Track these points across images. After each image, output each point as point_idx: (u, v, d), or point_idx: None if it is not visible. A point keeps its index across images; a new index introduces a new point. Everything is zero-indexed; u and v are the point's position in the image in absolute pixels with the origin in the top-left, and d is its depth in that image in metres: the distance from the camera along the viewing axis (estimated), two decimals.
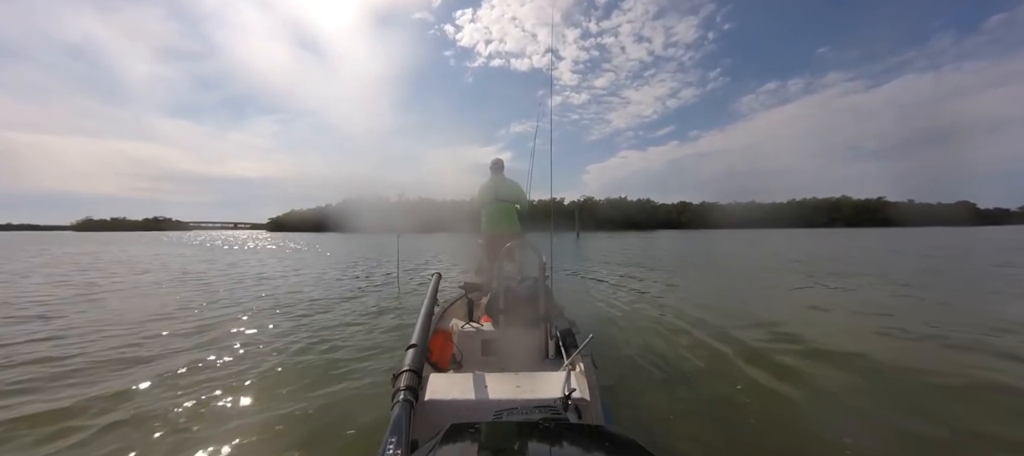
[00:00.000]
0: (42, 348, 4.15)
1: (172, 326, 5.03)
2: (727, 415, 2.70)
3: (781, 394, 2.99)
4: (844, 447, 2.28)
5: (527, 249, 3.39)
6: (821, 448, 2.32)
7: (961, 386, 3.10)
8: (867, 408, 2.79)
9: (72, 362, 3.72)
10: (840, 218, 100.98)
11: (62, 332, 4.75)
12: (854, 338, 4.33)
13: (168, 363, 3.74)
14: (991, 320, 4.92)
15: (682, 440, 2.41)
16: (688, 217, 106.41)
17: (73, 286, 8.48)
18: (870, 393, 3.02)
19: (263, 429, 2.55)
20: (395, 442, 1.25)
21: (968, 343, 4.11)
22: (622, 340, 4.37)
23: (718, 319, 5.06)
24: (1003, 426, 2.51)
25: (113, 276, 10.21)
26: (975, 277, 9.33)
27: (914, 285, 7.79)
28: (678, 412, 2.73)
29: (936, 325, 4.76)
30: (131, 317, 5.50)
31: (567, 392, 1.68)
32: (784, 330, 4.56)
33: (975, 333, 4.40)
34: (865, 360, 3.65)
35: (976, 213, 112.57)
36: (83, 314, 5.74)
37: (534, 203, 4.75)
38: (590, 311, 5.93)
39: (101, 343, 4.32)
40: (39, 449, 2.36)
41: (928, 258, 13.54)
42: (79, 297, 7.15)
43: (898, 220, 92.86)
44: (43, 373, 3.46)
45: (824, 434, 2.42)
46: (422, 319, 2.22)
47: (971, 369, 3.40)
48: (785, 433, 2.48)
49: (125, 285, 8.67)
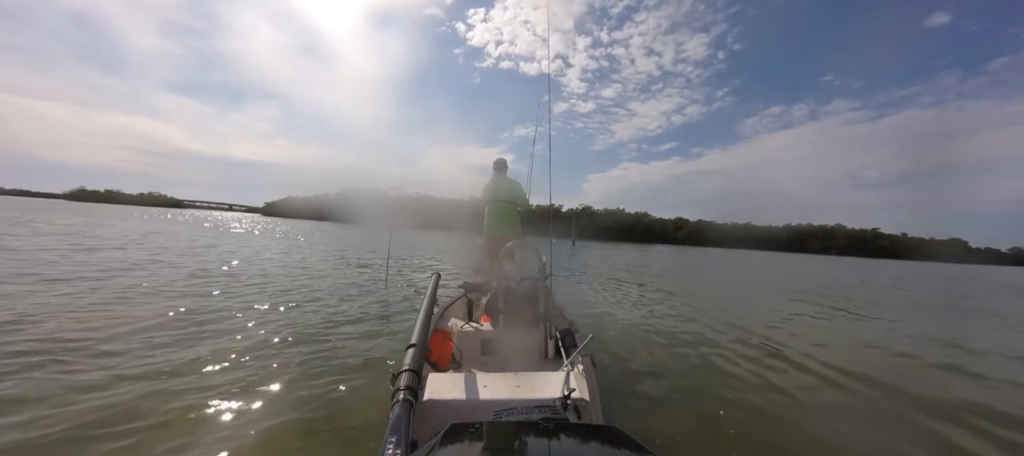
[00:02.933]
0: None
1: (151, 318, 4.46)
2: (725, 415, 2.75)
3: (778, 396, 3.10)
4: (839, 448, 2.36)
5: (527, 249, 3.40)
6: (817, 448, 2.40)
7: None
8: (860, 412, 2.94)
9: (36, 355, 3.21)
10: (834, 245, 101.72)
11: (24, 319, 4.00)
12: (847, 351, 4.66)
13: (149, 361, 3.33)
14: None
15: (681, 440, 2.45)
16: (684, 233, 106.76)
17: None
18: (862, 399, 3.21)
19: (262, 430, 2.44)
20: (395, 442, 1.26)
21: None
22: (622, 341, 4.42)
23: (716, 327, 5.23)
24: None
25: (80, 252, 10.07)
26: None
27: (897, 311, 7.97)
28: (677, 412, 2.77)
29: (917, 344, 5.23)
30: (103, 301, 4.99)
31: (567, 392, 1.69)
32: (781, 341, 4.80)
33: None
34: (859, 369, 3.86)
35: (967, 250, 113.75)
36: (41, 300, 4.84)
37: (532, 208, 4.77)
38: (589, 313, 5.97)
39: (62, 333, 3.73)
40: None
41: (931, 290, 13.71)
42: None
43: (891, 252, 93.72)
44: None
45: (820, 434, 2.52)
46: (422, 319, 2.21)
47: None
48: (783, 433, 2.55)
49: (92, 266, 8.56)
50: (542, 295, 2.76)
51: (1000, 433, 2.76)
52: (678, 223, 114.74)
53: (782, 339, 4.96)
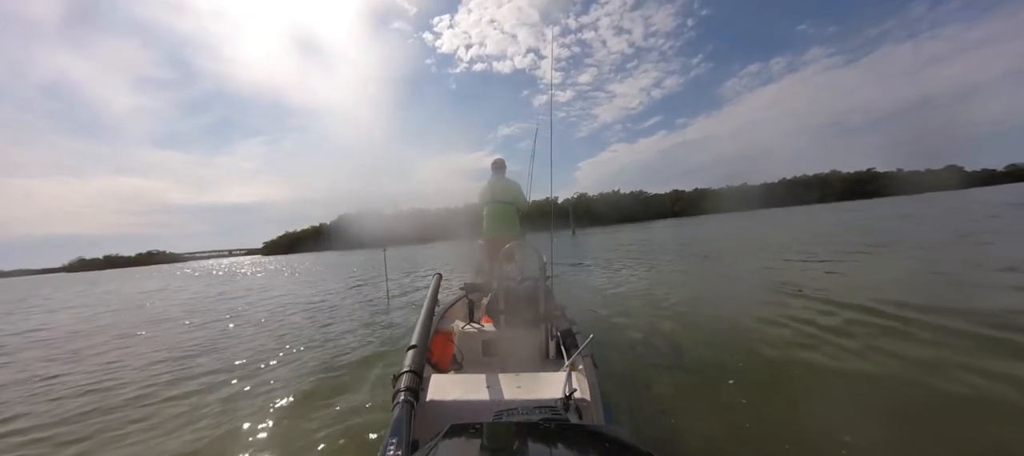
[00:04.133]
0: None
1: (163, 344, 5.03)
2: (728, 415, 2.66)
3: (782, 393, 2.93)
4: (844, 446, 2.22)
5: (527, 249, 3.39)
6: (821, 448, 2.26)
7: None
8: (869, 407, 2.66)
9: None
10: (832, 193, 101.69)
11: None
12: (856, 336, 3.90)
13: (164, 371, 3.86)
14: None
15: (683, 441, 2.40)
16: (682, 205, 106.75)
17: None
18: (872, 392, 2.85)
19: (264, 430, 2.58)
20: (396, 442, 1.26)
21: None
22: (623, 340, 4.34)
23: (718, 317, 4.95)
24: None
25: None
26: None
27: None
28: (679, 413, 2.71)
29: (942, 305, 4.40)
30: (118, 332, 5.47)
31: (568, 393, 1.67)
32: (785, 326, 4.32)
33: None
34: (867, 359, 3.38)
35: (964, 176, 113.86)
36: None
37: (530, 208, 4.74)
38: (590, 311, 5.92)
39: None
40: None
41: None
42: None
43: (890, 189, 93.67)
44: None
45: (824, 433, 2.36)
46: (422, 320, 2.22)
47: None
48: (786, 432, 2.43)
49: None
50: (542, 295, 2.75)
51: None
52: (675, 196, 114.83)
53: (802, 328, 4.20)
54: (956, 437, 2.24)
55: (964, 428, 2.32)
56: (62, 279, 55.80)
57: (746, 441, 2.38)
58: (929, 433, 2.31)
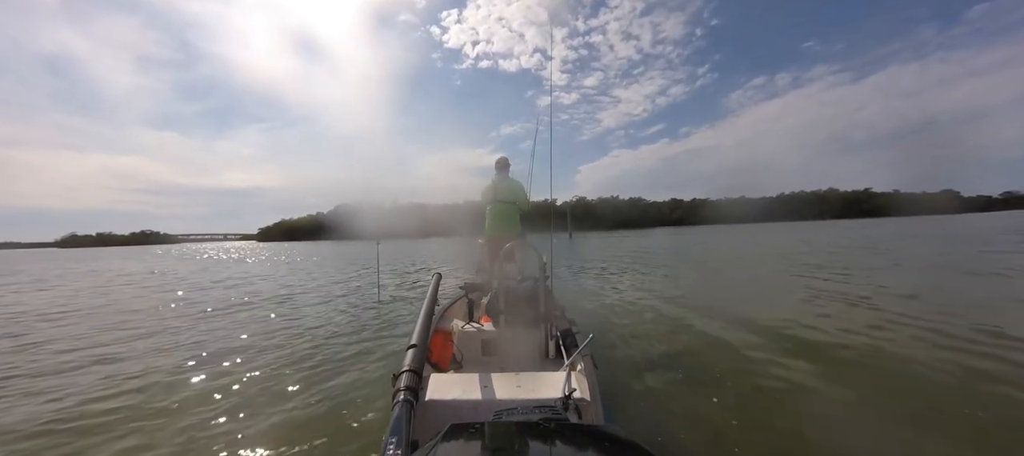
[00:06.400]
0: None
1: (156, 333, 4.99)
2: (727, 415, 2.68)
3: (780, 393, 2.97)
4: (845, 447, 2.24)
5: (527, 249, 3.38)
6: (820, 447, 2.28)
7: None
8: (867, 407, 2.72)
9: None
10: (829, 210, 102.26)
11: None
12: (851, 336, 4.19)
13: (156, 367, 3.79)
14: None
15: (682, 440, 2.41)
16: (680, 214, 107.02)
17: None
18: (871, 392, 2.92)
19: (264, 430, 2.55)
20: (395, 442, 1.26)
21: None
22: (622, 340, 4.36)
23: (717, 319, 5.03)
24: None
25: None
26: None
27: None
28: (678, 412, 2.72)
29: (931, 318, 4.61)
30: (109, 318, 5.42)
31: (567, 392, 1.68)
32: (782, 329, 4.48)
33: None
34: (866, 358, 3.57)
35: (960, 201, 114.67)
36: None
37: (531, 208, 4.74)
38: (589, 311, 5.92)
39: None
40: None
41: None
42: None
43: (885, 210, 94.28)
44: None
45: (824, 433, 2.39)
46: (422, 319, 2.22)
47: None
48: (785, 432, 2.46)
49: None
50: (542, 295, 2.75)
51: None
52: (673, 205, 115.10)
53: (799, 331, 4.36)
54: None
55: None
56: (52, 254, 55.21)
57: (746, 441, 2.40)
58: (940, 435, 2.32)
